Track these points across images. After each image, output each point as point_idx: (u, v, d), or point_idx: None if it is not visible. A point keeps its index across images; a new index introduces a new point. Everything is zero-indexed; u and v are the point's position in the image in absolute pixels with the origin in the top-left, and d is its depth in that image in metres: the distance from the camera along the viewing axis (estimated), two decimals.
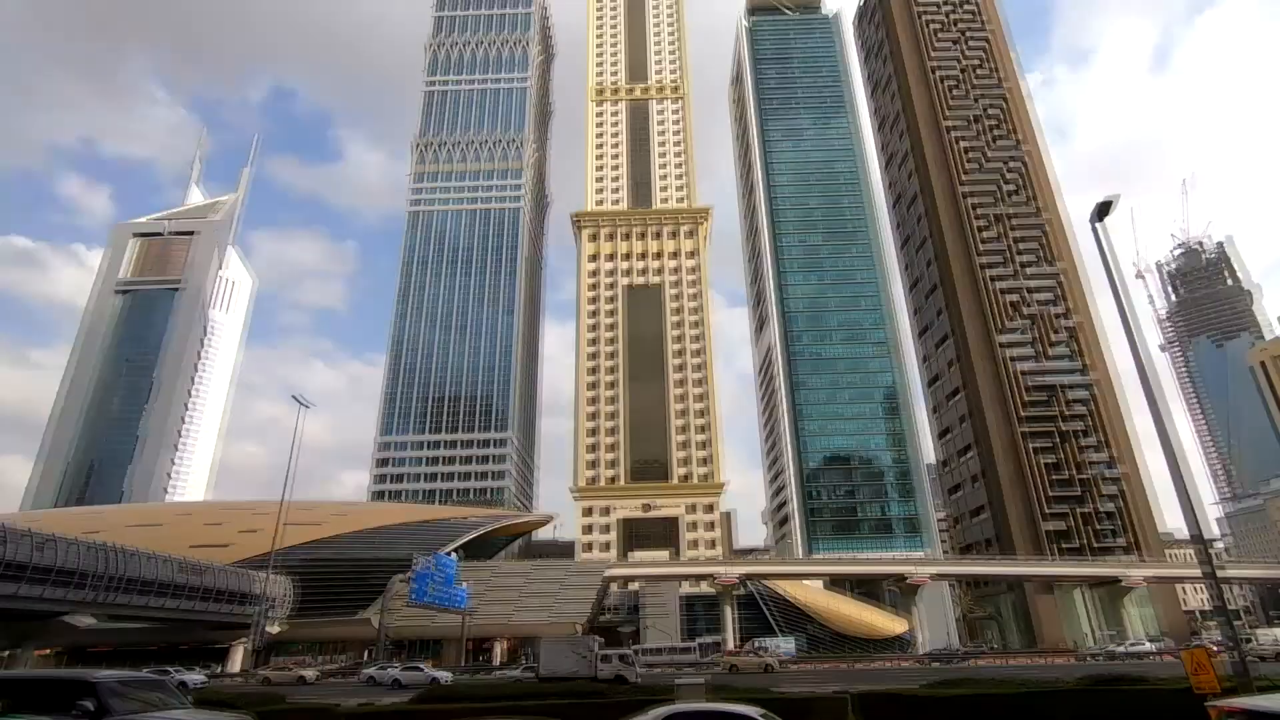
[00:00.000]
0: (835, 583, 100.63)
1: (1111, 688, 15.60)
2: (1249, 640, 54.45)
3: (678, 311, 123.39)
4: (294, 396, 51.38)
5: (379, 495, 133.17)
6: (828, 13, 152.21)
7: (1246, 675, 13.32)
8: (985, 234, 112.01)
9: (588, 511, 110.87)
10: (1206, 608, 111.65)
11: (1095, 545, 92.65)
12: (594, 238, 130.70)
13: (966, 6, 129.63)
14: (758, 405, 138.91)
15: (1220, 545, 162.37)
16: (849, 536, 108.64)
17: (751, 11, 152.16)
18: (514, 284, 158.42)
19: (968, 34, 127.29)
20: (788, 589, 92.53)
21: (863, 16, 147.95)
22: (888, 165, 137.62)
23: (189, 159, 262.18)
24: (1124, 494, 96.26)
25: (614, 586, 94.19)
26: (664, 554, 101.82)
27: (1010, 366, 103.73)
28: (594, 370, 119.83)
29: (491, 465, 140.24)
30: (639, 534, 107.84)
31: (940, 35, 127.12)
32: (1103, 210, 17.06)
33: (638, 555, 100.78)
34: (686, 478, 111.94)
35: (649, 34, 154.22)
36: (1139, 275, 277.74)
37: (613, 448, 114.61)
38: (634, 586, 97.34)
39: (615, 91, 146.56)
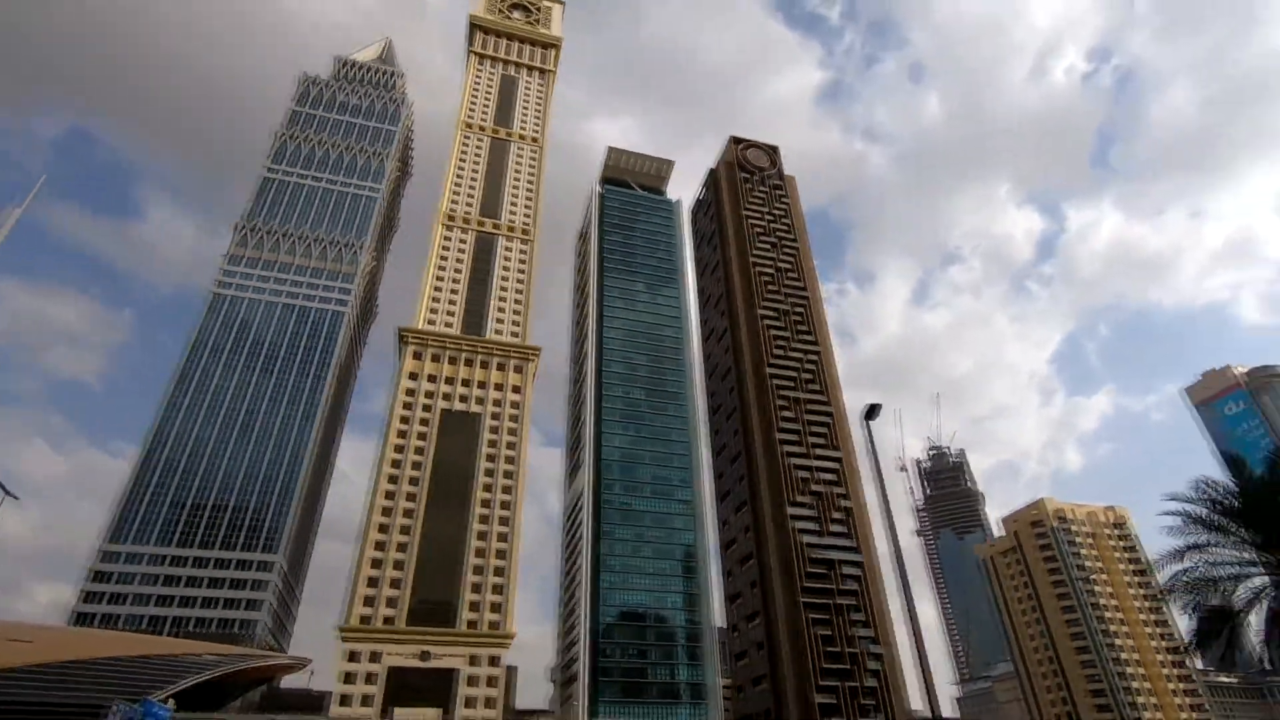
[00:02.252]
0: None
1: None
2: None
3: (494, 444, 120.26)
4: None
5: (85, 618, 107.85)
6: (670, 197, 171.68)
7: None
8: (785, 414, 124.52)
9: (353, 656, 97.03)
10: None
11: (858, 719, 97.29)
12: (418, 356, 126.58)
13: (783, 220, 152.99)
14: (560, 552, 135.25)
15: None
16: (637, 700, 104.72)
17: (605, 181, 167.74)
18: (320, 389, 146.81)
19: (782, 241, 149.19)
20: None
21: (698, 209, 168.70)
22: (708, 339, 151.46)
23: None
24: (883, 672, 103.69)
25: None
26: (434, 712, 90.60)
27: (798, 538, 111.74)
28: (392, 495, 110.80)
29: (247, 592, 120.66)
30: (409, 686, 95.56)
31: (760, 239, 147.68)
32: (870, 412, 19.96)
33: (403, 713, 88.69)
34: (474, 625, 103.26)
35: (508, 176, 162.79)
36: (901, 468, 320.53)
37: (397, 584, 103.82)
38: None
39: (466, 221, 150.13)
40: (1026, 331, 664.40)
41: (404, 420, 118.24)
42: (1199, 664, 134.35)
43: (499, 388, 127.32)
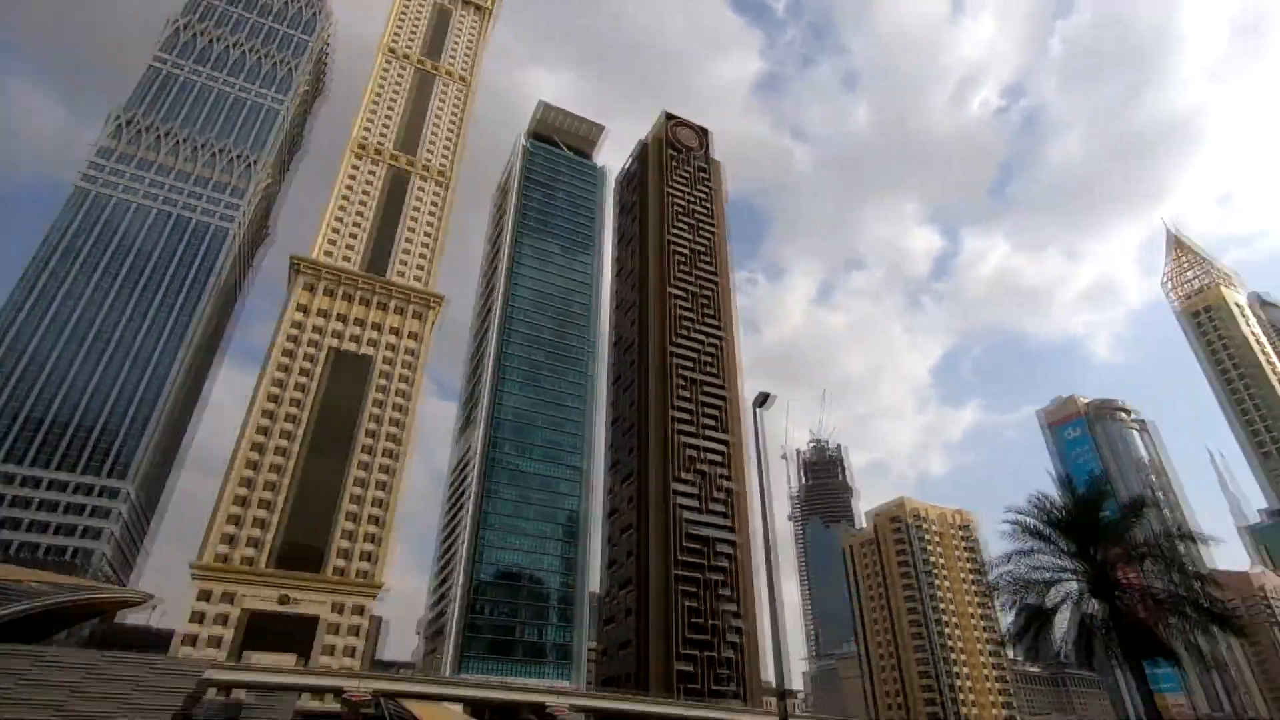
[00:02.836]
0: (476, 711, 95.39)
1: None
2: None
3: (384, 390, 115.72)
4: None
5: None
6: (598, 163, 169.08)
7: None
8: (682, 393, 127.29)
9: (206, 595, 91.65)
10: None
11: (713, 689, 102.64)
12: (311, 289, 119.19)
13: (705, 203, 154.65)
14: (443, 507, 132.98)
15: (800, 697, 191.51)
16: (503, 657, 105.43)
17: (532, 135, 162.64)
18: (194, 310, 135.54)
19: (701, 224, 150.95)
20: (426, 713, 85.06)
21: (624, 179, 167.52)
22: (617, 310, 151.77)
23: None
24: (743, 645, 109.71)
25: (214, 693, 77.17)
26: (290, 658, 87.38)
27: (679, 514, 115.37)
28: (266, 431, 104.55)
29: (86, 519, 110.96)
30: (267, 631, 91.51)
31: (680, 218, 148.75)
32: (762, 400, 20.71)
33: (257, 658, 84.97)
34: (343, 573, 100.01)
35: (430, 113, 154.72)
36: (784, 457, 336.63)
37: (263, 524, 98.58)
38: (241, 694, 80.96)
39: (379, 152, 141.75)
40: (914, 342, 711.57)
41: (288, 354, 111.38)
42: (1012, 655, 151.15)
43: (396, 332, 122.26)
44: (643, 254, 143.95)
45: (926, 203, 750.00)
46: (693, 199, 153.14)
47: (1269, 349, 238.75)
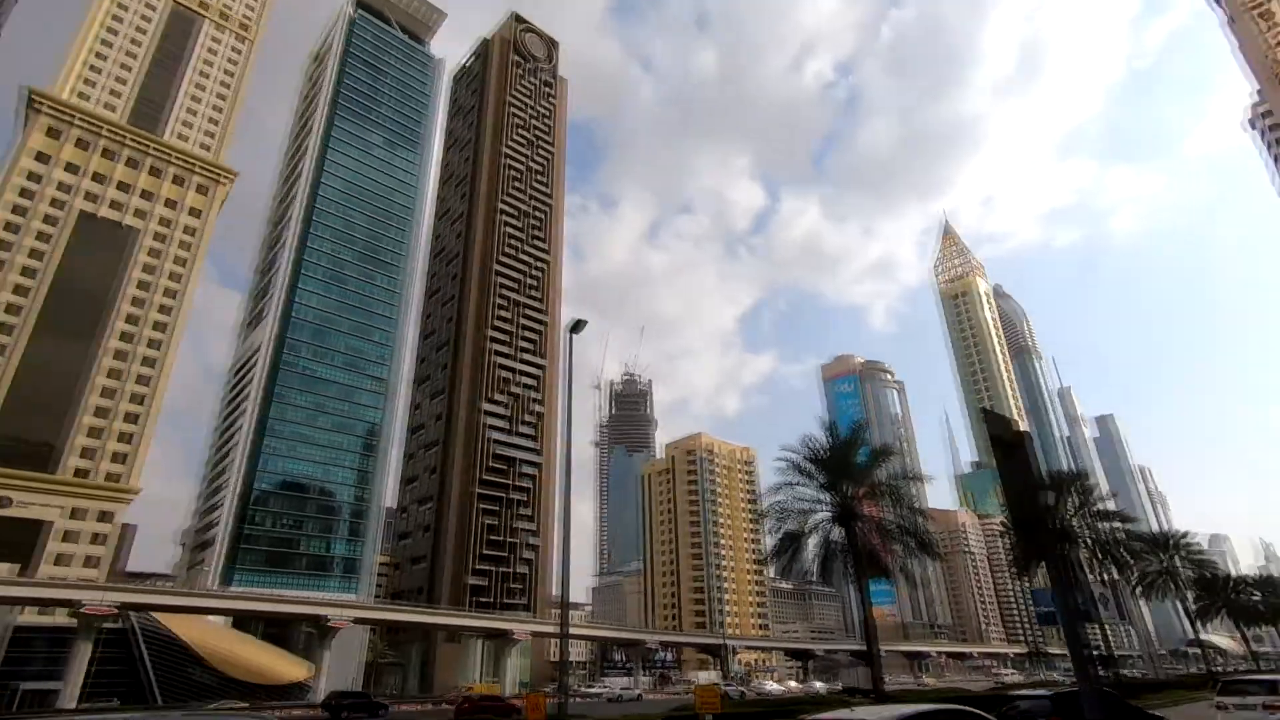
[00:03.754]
0: (245, 624, 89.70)
1: None
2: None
3: (150, 270, 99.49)
4: None
5: None
6: (433, 52, 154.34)
7: (564, 714, 16.63)
8: (502, 314, 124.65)
9: None
10: (577, 659, 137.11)
11: (504, 602, 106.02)
12: (55, 134, 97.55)
13: (546, 120, 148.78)
14: (219, 407, 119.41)
15: (587, 610, 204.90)
16: (281, 570, 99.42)
17: (360, 4, 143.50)
18: None
19: (539, 141, 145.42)
20: (181, 627, 78.26)
21: (462, 77, 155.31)
22: (441, 217, 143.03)
23: None
24: (537, 562, 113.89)
25: None
26: (7, 568, 74.95)
27: (486, 433, 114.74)
28: None
29: None
30: None
31: (519, 131, 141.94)
32: (576, 326, 20.83)
33: None
34: (85, 474, 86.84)
35: None
36: (596, 386, 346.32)
37: None
38: None
39: None
40: (728, 290, 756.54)
41: (17, 212, 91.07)
42: (770, 573, 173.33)
43: (171, 204, 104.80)
44: (475, 162, 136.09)
45: (755, 159, 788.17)
46: (534, 114, 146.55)
47: (998, 333, 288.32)
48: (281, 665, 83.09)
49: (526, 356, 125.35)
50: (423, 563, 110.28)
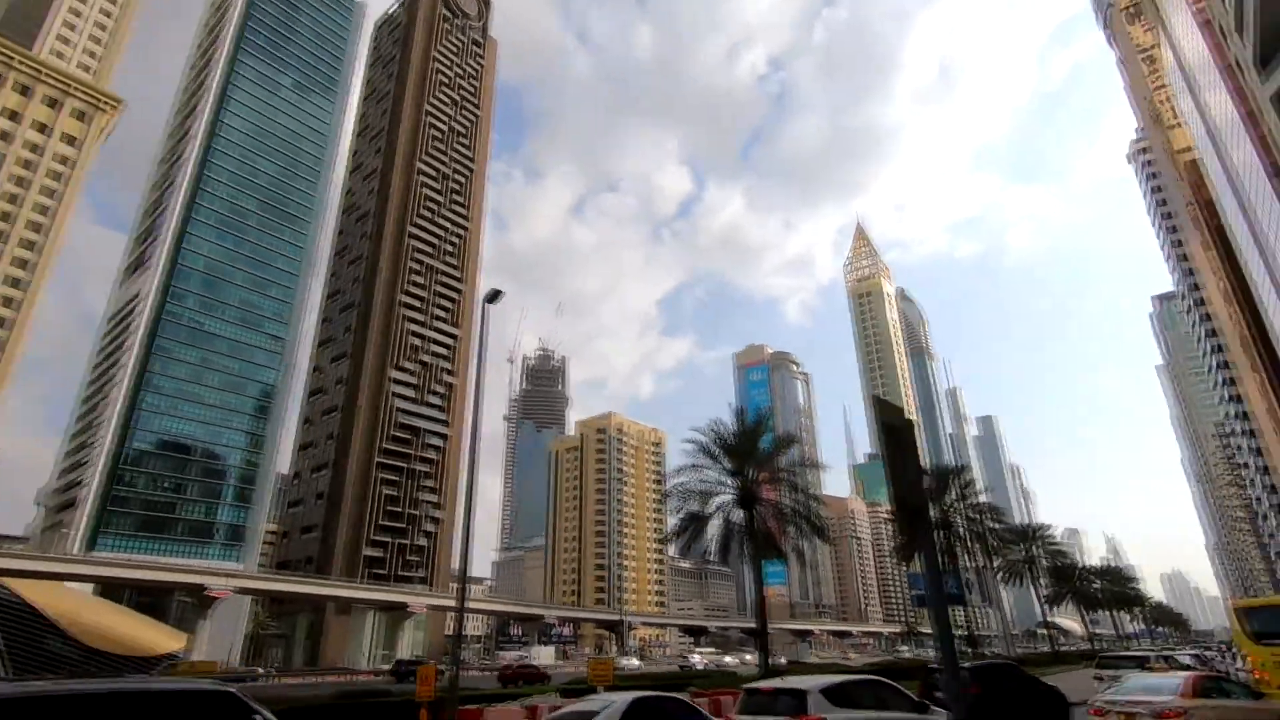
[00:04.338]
0: (113, 593, 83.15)
1: (357, 701, 17.04)
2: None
3: (13, 201, 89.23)
4: None
5: None
6: None
7: (456, 688, 16.42)
8: (416, 278, 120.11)
9: None
10: (474, 634, 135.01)
11: (401, 574, 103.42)
12: None
13: (474, 80, 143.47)
14: (92, 358, 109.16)
15: (487, 585, 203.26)
16: (156, 535, 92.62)
17: None
18: None
19: (465, 102, 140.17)
20: (38, 594, 71.53)
21: (386, 25, 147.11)
22: (354, 171, 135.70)
23: None
24: (438, 534, 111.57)
25: None
26: None
27: (392, 401, 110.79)
28: None
29: None
30: None
31: (444, 89, 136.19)
32: (493, 296, 20.35)
33: None
34: None
35: None
36: (510, 360, 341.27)
37: None
38: None
39: None
40: (650, 273, 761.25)
41: None
42: (671, 552, 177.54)
43: (43, 129, 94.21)
44: (395, 117, 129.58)
45: (685, 145, 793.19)
46: (460, 73, 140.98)
47: (900, 333, 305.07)
48: (151, 636, 77.47)
49: (440, 324, 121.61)
50: (315, 531, 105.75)
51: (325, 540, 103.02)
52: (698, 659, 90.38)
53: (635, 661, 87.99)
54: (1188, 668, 25.55)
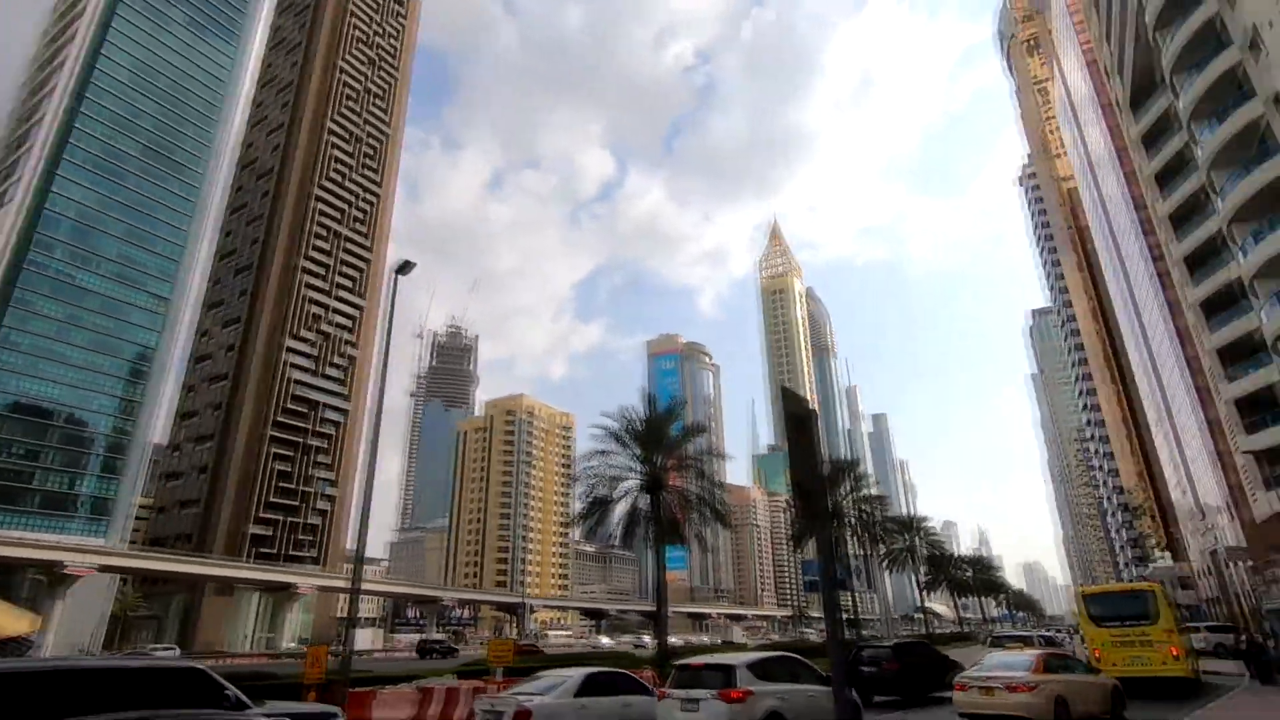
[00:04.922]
0: None
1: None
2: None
3: None
4: None
5: None
6: None
7: (348, 670, 15.96)
8: (319, 244, 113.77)
9: None
10: (367, 616, 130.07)
11: (290, 554, 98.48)
12: None
13: (393, 40, 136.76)
14: None
15: (383, 565, 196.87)
16: (9, 509, 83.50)
17: None
18: None
19: (382, 61, 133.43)
20: None
21: None
22: (255, 125, 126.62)
23: None
24: (332, 512, 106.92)
25: None
26: None
27: (288, 372, 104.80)
28: None
29: None
30: None
31: (360, 46, 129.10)
32: (403, 267, 19.65)
33: None
34: None
35: None
36: (419, 335, 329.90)
37: None
38: None
39: None
40: (567, 255, 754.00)
41: None
42: (576, 536, 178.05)
43: None
44: (304, 70, 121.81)
45: (609, 129, 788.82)
46: (380, 31, 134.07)
47: (806, 331, 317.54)
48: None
49: (343, 294, 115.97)
50: (194, 507, 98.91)
51: (206, 516, 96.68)
52: (607, 641, 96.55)
53: (606, 640, 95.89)
54: (1042, 647, 29.72)
